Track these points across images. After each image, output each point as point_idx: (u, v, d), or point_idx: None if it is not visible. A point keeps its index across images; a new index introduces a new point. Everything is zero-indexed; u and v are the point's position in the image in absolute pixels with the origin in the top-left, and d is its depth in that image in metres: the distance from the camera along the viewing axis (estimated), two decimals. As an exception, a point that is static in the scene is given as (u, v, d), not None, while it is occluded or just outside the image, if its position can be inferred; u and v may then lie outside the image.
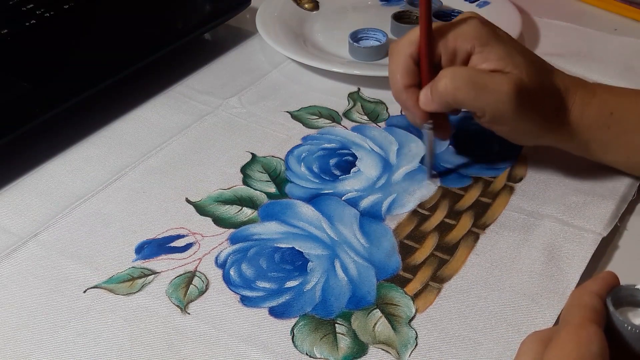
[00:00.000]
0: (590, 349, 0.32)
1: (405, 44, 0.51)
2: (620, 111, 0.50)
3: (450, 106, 0.50)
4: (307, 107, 0.64)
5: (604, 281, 0.36)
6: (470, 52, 0.49)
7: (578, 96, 0.50)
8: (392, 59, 0.52)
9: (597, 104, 0.50)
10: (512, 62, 0.48)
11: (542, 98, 0.49)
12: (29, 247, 0.50)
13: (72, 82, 0.62)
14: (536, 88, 0.48)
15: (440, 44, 0.50)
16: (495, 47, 0.49)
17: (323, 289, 0.47)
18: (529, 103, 0.48)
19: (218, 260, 0.49)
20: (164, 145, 0.60)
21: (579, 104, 0.50)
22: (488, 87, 0.48)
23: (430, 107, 0.50)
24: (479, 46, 0.49)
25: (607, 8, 0.79)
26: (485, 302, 0.45)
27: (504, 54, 0.49)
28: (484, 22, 0.50)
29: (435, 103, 0.49)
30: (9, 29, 0.68)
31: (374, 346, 0.43)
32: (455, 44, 0.49)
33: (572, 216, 0.51)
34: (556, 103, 0.50)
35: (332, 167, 0.57)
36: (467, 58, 0.50)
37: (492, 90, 0.48)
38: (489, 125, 0.51)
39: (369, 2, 0.81)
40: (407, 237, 0.50)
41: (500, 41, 0.49)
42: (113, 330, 0.44)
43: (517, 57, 0.49)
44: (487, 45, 0.49)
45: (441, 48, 0.50)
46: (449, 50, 0.50)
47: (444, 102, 0.49)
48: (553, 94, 0.50)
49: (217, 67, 0.71)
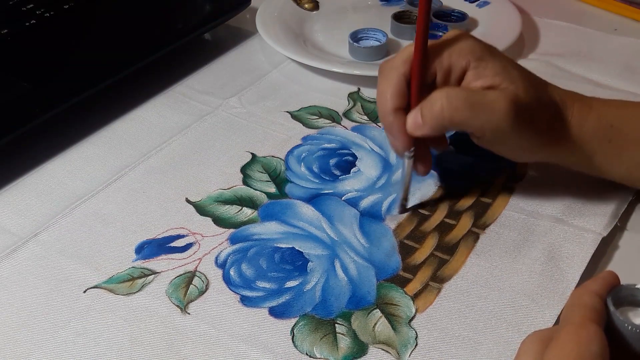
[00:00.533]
0: (590, 349, 0.32)
1: (398, 63, 0.48)
2: (620, 123, 0.49)
3: (444, 129, 0.48)
4: (307, 107, 0.64)
5: (604, 281, 0.36)
6: (465, 67, 0.48)
7: (575, 109, 0.49)
8: (384, 79, 0.49)
9: (595, 116, 0.49)
10: (509, 77, 0.47)
11: (540, 112, 0.48)
12: (29, 247, 0.50)
13: (72, 82, 0.62)
14: (533, 102, 0.47)
15: (435, 61, 0.48)
16: (491, 62, 0.47)
17: (323, 289, 0.47)
18: (526, 118, 0.47)
19: (218, 260, 0.49)
20: (164, 145, 0.60)
21: (577, 117, 0.49)
22: (485, 105, 0.46)
23: (420, 131, 0.47)
24: (475, 61, 0.47)
25: (607, 8, 0.79)
26: (485, 302, 0.45)
27: (500, 68, 0.47)
28: (476, 38, 0.49)
29: (428, 126, 0.47)
30: (9, 29, 0.68)
31: (374, 346, 0.43)
32: (450, 60, 0.48)
33: (572, 216, 0.51)
34: (554, 117, 0.49)
35: (332, 167, 0.57)
36: (462, 74, 0.48)
37: (489, 108, 0.46)
38: (488, 146, 0.49)
39: (369, 2, 0.81)
40: (407, 237, 0.50)
41: (494, 56, 0.48)
42: (113, 330, 0.44)
43: (512, 72, 0.48)
44: (483, 61, 0.47)
45: (436, 65, 0.48)
46: (444, 68, 0.48)
47: (438, 125, 0.47)
48: (550, 107, 0.49)
49: (217, 67, 0.71)
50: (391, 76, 0.48)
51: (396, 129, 0.48)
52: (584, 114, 0.49)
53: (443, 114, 0.46)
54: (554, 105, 0.49)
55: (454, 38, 0.49)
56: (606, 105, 0.50)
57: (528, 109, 0.47)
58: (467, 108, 0.46)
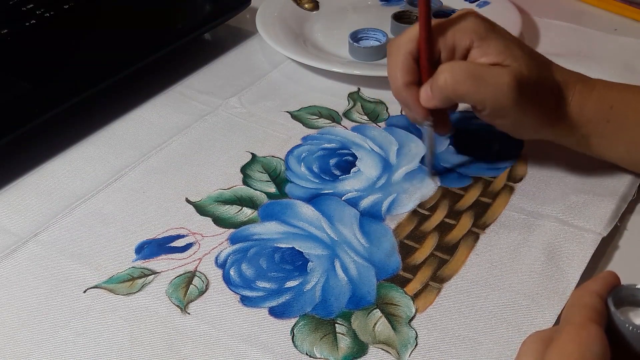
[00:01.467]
0: (591, 349, 0.32)
1: (404, 41, 0.50)
2: (620, 105, 0.50)
3: (451, 101, 0.50)
4: (307, 107, 0.64)
5: (604, 281, 0.36)
6: (469, 46, 0.49)
7: (577, 89, 0.50)
8: (392, 57, 0.51)
9: (596, 97, 0.50)
10: (511, 55, 0.48)
11: (542, 90, 0.49)
12: (29, 247, 0.50)
13: (72, 82, 0.62)
14: (535, 80, 0.49)
15: (439, 40, 0.50)
16: (494, 41, 0.49)
17: (323, 289, 0.47)
18: (528, 95, 0.48)
19: (218, 260, 0.49)
20: (164, 145, 0.60)
21: (578, 97, 0.50)
22: (488, 79, 0.48)
23: (431, 104, 0.50)
24: (478, 40, 0.49)
25: (607, 8, 0.79)
26: (485, 302, 0.45)
27: (503, 47, 0.49)
28: (482, 17, 0.50)
29: (436, 99, 0.49)
30: (9, 29, 0.68)
31: (374, 346, 0.43)
32: (454, 39, 0.49)
33: (572, 216, 0.51)
34: (555, 96, 0.50)
35: (332, 167, 0.57)
36: (466, 53, 0.50)
37: (492, 82, 0.48)
38: (489, 120, 0.51)
39: (369, 2, 0.81)
40: (407, 237, 0.50)
41: (498, 35, 0.49)
42: (113, 330, 0.44)
43: (515, 50, 0.49)
44: (486, 39, 0.49)
45: (440, 44, 0.50)
46: (448, 46, 0.50)
47: (444, 97, 0.49)
48: (552, 86, 0.50)
49: (217, 67, 0.71)
50: (398, 54, 0.51)
51: (412, 102, 0.51)
52: (585, 94, 0.50)
53: (447, 86, 0.48)
54: (556, 85, 0.50)
55: (459, 17, 0.50)
56: (608, 87, 0.51)
57: (531, 86, 0.48)
58: (470, 80, 0.48)
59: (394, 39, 0.52)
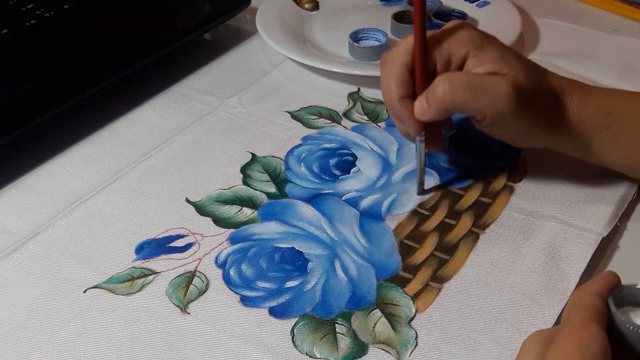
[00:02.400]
0: (592, 349, 0.32)
1: (399, 53, 0.50)
2: (618, 111, 0.50)
3: (448, 112, 0.49)
4: (307, 107, 0.64)
5: (605, 281, 0.36)
6: (465, 56, 0.49)
7: (575, 96, 0.50)
8: (386, 69, 0.50)
9: (594, 103, 0.50)
10: (508, 64, 0.48)
11: (540, 97, 0.49)
12: (29, 247, 0.50)
13: (72, 82, 0.62)
14: (533, 87, 0.48)
15: (435, 51, 0.49)
16: (490, 50, 0.49)
17: (323, 289, 0.47)
18: (527, 103, 0.48)
19: (218, 260, 0.49)
20: (164, 145, 0.60)
21: (576, 104, 0.50)
22: (486, 88, 0.47)
23: (426, 117, 0.49)
24: (474, 50, 0.49)
25: (607, 8, 0.79)
26: (485, 302, 0.45)
27: (498, 56, 0.49)
28: (475, 28, 0.50)
29: (432, 111, 0.48)
30: (9, 29, 0.68)
31: (374, 346, 0.43)
32: (449, 49, 0.49)
33: (572, 216, 0.51)
34: (553, 103, 0.50)
35: (332, 167, 0.57)
36: (462, 63, 0.49)
37: (490, 91, 0.47)
38: (489, 130, 0.50)
39: (369, 2, 0.81)
40: (407, 237, 0.50)
41: (493, 44, 0.49)
42: (113, 330, 0.44)
43: (511, 59, 0.49)
44: (482, 49, 0.49)
45: (436, 55, 0.49)
46: (444, 57, 0.49)
47: (442, 109, 0.48)
48: (550, 92, 0.50)
49: (217, 67, 0.71)
50: (393, 66, 0.50)
51: (405, 116, 0.50)
52: (583, 100, 0.50)
53: (445, 97, 0.48)
54: (553, 92, 0.50)
55: (453, 28, 0.50)
56: (605, 93, 0.51)
57: (528, 94, 0.48)
58: (468, 91, 0.47)
59: (388, 51, 0.51)
